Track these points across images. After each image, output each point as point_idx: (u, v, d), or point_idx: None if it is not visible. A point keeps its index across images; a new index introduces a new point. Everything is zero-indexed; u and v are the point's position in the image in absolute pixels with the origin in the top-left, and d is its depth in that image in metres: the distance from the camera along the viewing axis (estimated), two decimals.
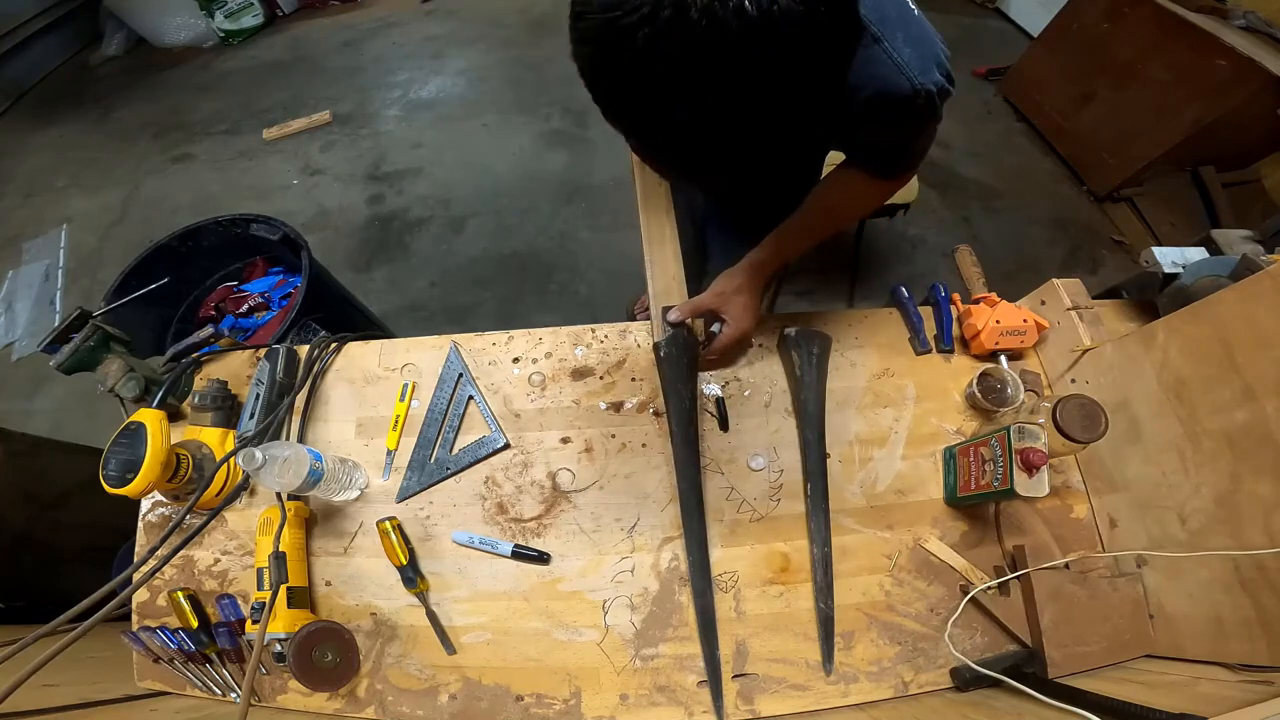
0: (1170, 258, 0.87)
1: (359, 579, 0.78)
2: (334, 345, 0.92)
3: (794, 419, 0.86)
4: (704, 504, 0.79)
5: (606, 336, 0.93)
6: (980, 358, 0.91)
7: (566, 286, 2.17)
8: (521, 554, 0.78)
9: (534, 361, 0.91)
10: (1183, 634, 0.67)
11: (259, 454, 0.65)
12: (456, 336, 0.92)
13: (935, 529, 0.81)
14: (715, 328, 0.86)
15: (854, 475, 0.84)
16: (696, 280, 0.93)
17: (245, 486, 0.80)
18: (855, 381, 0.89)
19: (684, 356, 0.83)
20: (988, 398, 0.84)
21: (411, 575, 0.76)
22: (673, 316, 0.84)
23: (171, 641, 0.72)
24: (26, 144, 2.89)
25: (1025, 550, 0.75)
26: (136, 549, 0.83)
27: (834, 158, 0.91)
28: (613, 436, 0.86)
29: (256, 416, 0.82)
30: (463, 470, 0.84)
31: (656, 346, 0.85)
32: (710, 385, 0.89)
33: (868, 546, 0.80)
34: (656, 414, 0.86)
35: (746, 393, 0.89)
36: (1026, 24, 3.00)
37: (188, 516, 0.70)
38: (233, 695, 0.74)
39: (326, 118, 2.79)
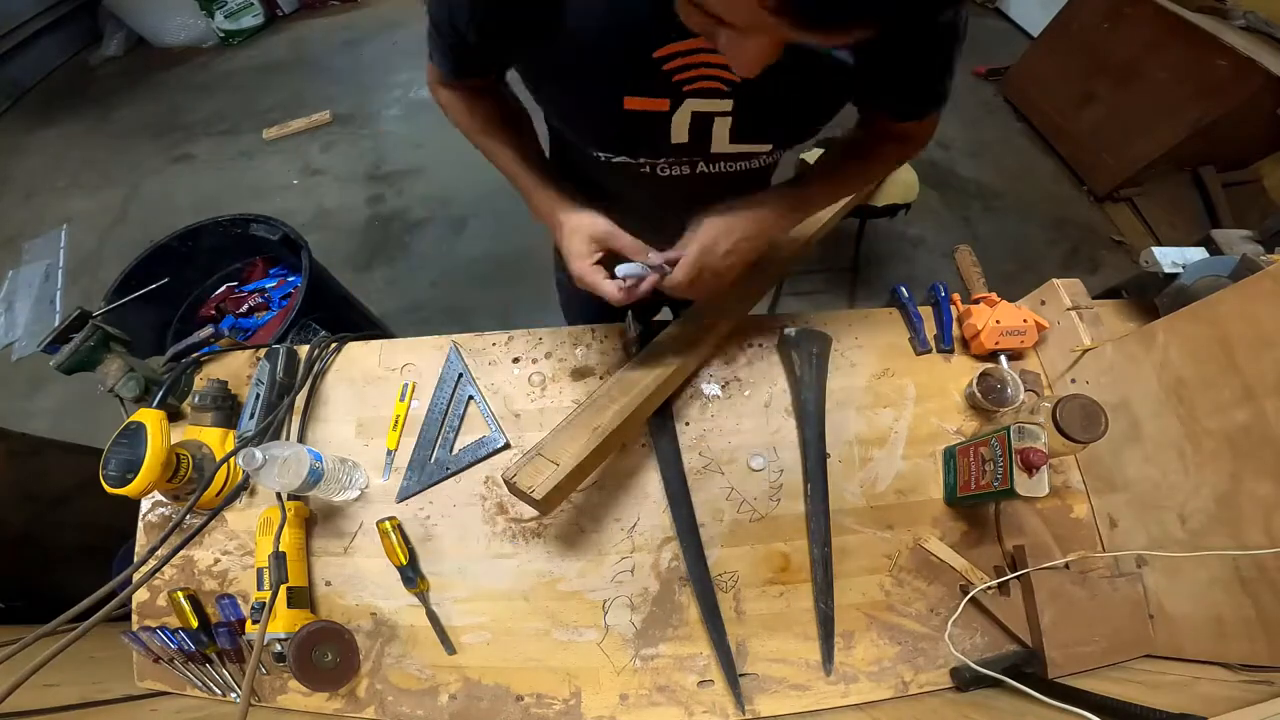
0: (1170, 258, 0.86)
1: (359, 579, 0.78)
2: (334, 345, 0.92)
3: (794, 419, 0.86)
4: (689, 489, 0.80)
5: (606, 336, 0.93)
6: (980, 358, 0.91)
7: None
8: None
9: (534, 361, 0.91)
10: (1183, 634, 0.67)
11: (259, 454, 0.65)
12: (456, 337, 0.92)
13: (935, 529, 0.80)
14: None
15: (854, 475, 0.83)
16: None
17: (245, 486, 0.80)
18: (855, 381, 0.89)
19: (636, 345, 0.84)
20: (988, 398, 0.84)
21: (411, 575, 0.76)
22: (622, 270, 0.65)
23: (171, 641, 0.72)
24: (26, 144, 2.89)
25: (1025, 550, 0.75)
26: (136, 549, 0.83)
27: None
28: None
29: (256, 416, 0.82)
30: (463, 470, 0.83)
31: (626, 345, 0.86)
32: (710, 385, 0.89)
33: (868, 546, 0.80)
34: (656, 414, 0.86)
35: (746, 393, 0.88)
36: (1026, 24, 3.01)
37: (188, 516, 0.70)
38: (233, 695, 0.74)
39: (326, 118, 2.80)
